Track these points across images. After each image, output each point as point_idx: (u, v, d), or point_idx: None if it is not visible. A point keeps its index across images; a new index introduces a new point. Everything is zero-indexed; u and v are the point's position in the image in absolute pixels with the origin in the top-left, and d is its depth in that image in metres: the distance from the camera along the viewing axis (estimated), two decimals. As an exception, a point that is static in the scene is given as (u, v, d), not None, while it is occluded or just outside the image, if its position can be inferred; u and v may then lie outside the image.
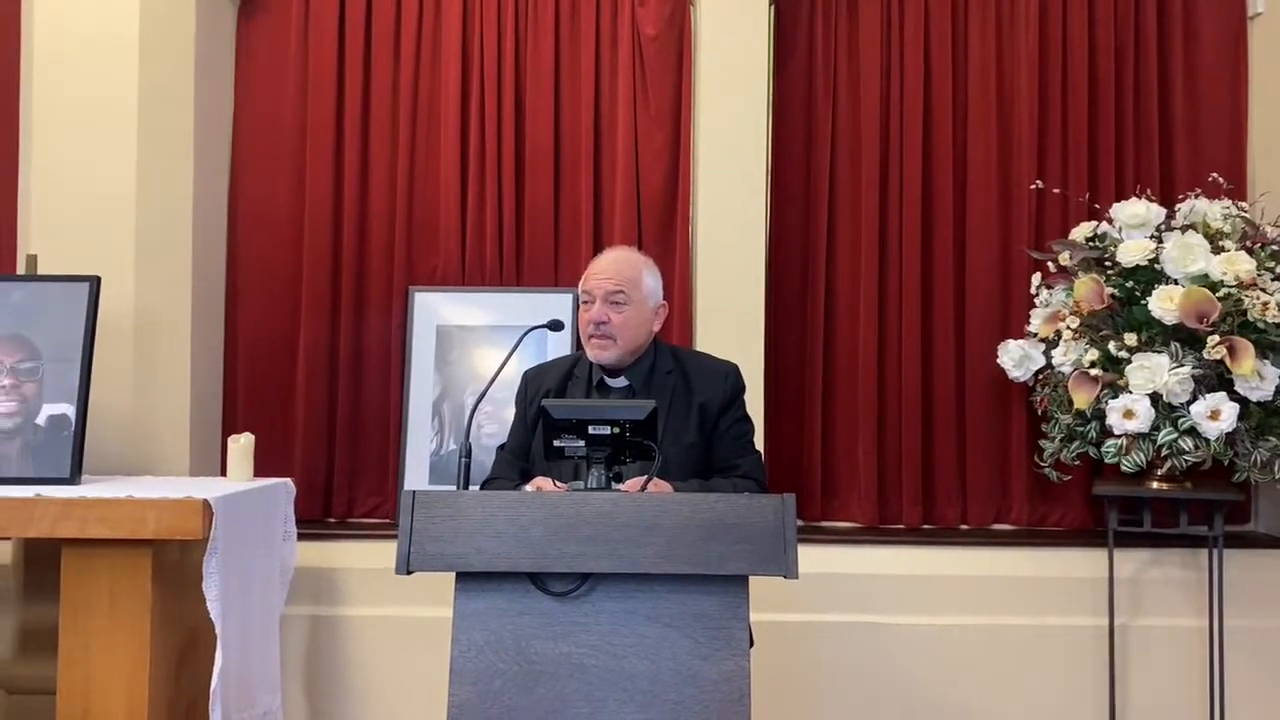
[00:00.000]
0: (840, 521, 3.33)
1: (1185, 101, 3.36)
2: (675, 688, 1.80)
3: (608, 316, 2.31)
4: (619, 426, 1.93)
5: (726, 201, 3.21)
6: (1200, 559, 3.05)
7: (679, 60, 3.31)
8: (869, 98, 3.33)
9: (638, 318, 2.36)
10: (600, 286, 2.34)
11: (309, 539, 3.04)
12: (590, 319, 2.33)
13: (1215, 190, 3.05)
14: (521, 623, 1.85)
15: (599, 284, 2.34)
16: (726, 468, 2.34)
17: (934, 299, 3.33)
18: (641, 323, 2.37)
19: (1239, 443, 2.85)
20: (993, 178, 3.33)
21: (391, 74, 3.34)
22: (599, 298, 2.33)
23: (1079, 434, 2.98)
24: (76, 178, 3.03)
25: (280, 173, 3.34)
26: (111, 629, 2.36)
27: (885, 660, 3.08)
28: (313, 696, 3.08)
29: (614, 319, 2.32)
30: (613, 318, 2.32)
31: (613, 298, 2.33)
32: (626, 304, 2.33)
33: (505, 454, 2.47)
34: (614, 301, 2.32)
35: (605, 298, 2.33)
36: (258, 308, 3.33)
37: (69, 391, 2.69)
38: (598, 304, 2.33)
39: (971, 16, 3.35)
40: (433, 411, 3.25)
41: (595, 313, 2.32)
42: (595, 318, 2.32)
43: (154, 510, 2.34)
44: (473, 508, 1.84)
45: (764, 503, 1.83)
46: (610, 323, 2.31)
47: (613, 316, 2.32)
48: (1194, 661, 3.05)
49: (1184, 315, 2.77)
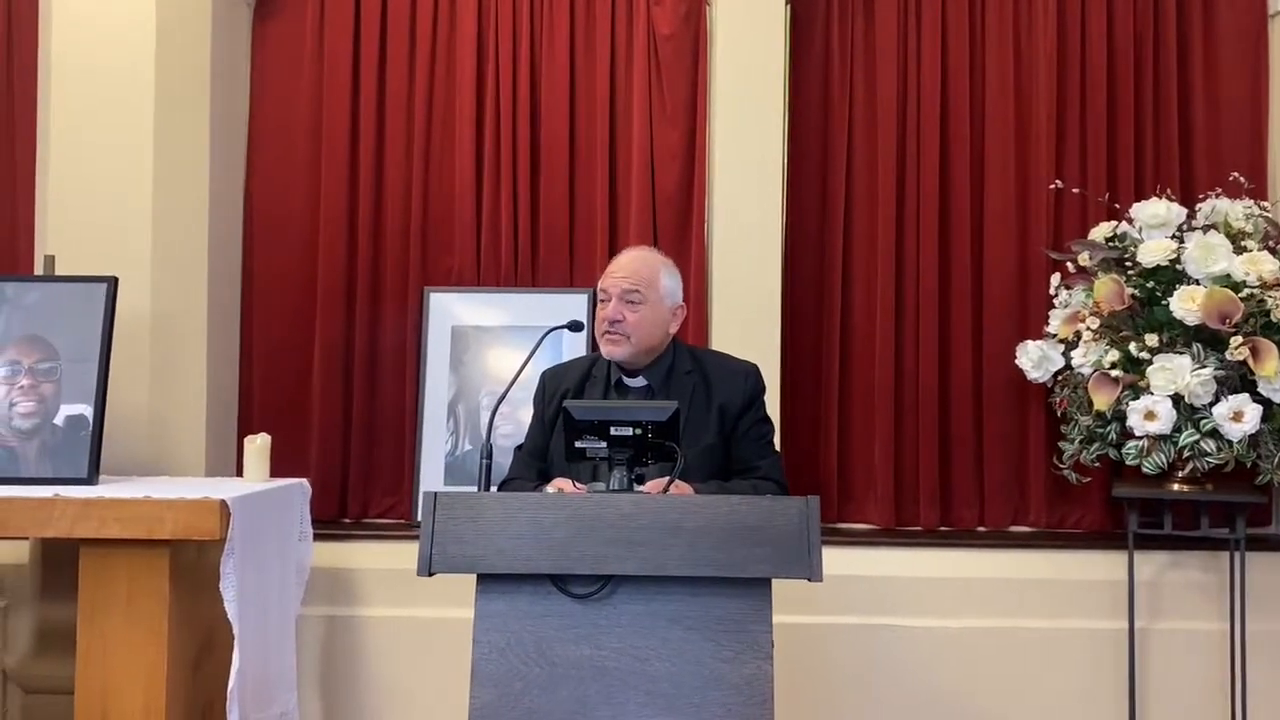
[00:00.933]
0: (857, 523, 3.31)
1: (1205, 100, 3.33)
2: (698, 691, 1.80)
3: (622, 315, 2.32)
4: (641, 428, 1.92)
5: (742, 201, 3.20)
6: (1221, 562, 3.02)
7: (694, 60, 3.30)
8: (885, 97, 3.30)
9: (653, 317, 2.35)
10: (617, 285, 2.34)
11: (325, 539, 3.04)
12: (605, 316, 2.33)
13: (1236, 190, 3.02)
14: (543, 625, 1.84)
15: (615, 282, 2.35)
16: (746, 469, 2.34)
17: (951, 299, 3.30)
18: (657, 323, 2.36)
19: (1262, 445, 2.82)
20: (1010, 177, 3.30)
21: (406, 74, 3.33)
22: (615, 296, 2.34)
23: (1099, 435, 2.95)
24: (93, 179, 3.03)
25: (295, 173, 3.33)
26: (129, 629, 2.36)
27: (902, 663, 3.06)
28: (328, 697, 3.08)
29: (629, 318, 2.31)
30: (627, 316, 2.31)
31: (629, 296, 2.33)
32: (642, 303, 2.33)
33: (523, 455, 2.47)
34: (630, 300, 2.32)
35: (621, 296, 2.33)
36: (273, 308, 3.33)
37: (86, 392, 2.70)
38: (613, 302, 2.33)
39: (989, 16, 3.32)
40: (448, 412, 3.24)
41: (610, 311, 2.33)
42: (610, 315, 2.32)
43: (171, 510, 2.34)
44: (493, 509, 1.83)
45: (788, 505, 1.82)
46: (624, 321, 2.31)
47: (627, 315, 2.32)
48: (1215, 665, 3.02)
49: (1206, 316, 2.75)
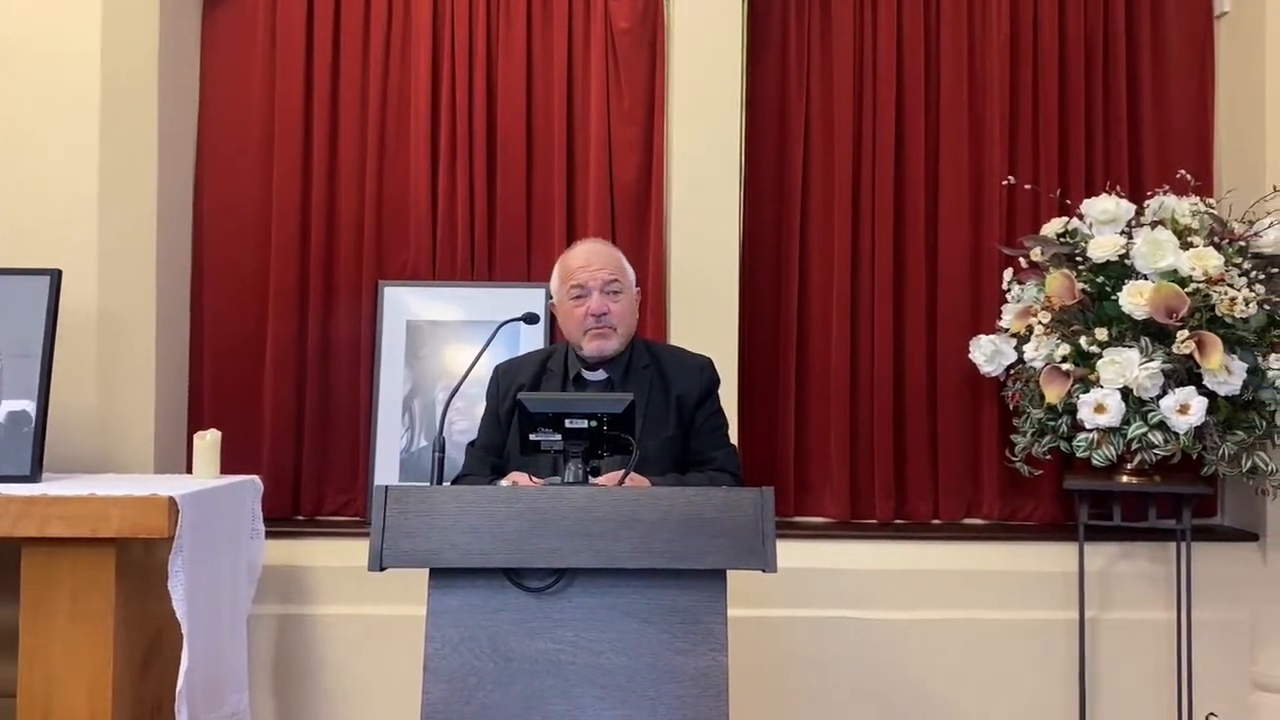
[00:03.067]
0: (813, 516, 3.33)
1: (1154, 98, 3.39)
2: (653, 683, 1.79)
3: (608, 307, 2.29)
4: (596, 420, 1.91)
5: (700, 196, 3.20)
6: (1169, 552, 3.08)
7: (652, 54, 3.29)
8: (842, 92, 3.32)
9: (630, 306, 2.37)
10: (595, 278, 2.31)
11: (277, 537, 2.99)
12: (590, 311, 2.28)
13: (1183, 187, 3.07)
14: (497, 619, 1.82)
15: (594, 275, 2.31)
16: (702, 460, 2.34)
17: (906, 294, 3.33)
18: (633, 311, 2.38)
19: (1207, 437, 2.88)
20: (964, 173, 3.33)
21: (360, 66, 3.28)
22: (595, 289, 2.30)
23: (1050, 428, 2.99)
24: (37, 170, 2.96)
25: (247, 165, 3.27)
26: (73, 630, 2.31)
27: (858, 654, 3.08)
28: (281, 696, 3.03)
29: (613, 309, 2.30)
30: (612, 308, 2.30)
31: (609, 287, 2.31)
32: (621, 292, 2.33)
33: (477, 450, 2.44)
34: (611, 291, 2.30)
35: (602, 288, 2.30)
36: (224, 303, 3.27)
37: (29, 388, 2.63)
38: (595, 296, 2.29)
39: (944, 11, 3.35)
40: (403, 408, 3.20)
41: (595, 304, 2.28)
42: (596, 309, 2.28)
43: (117, 508, 2.29)
44: (446, 503, 1.81)
45: (742, 496, 1.82)
46: (611, 313, 2.29)
47: (612, 307, 2.30)
48: (1162, 654, 3.08)
49: (1154, 310, 2.80)
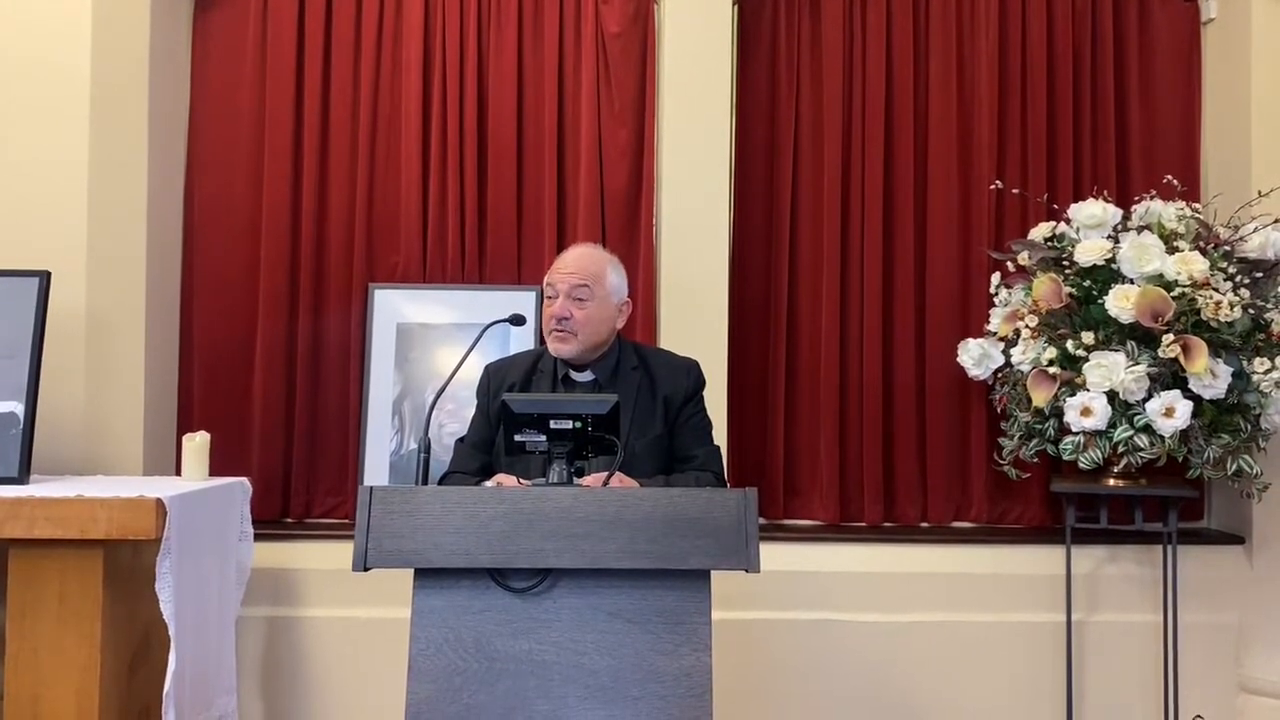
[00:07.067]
0: (802, 519, 3.34)
1: (1140, 104, 3.41)
2: (637, 684, 1.79)
3: (570, 312, 2.31)
4: (581, 421, 1.92)
5: (690, 199, 3.21)
6: (1155, 555, 3.09)
7: (643, 58, 3.30)
8: (831, 97, 3.34)
9: (600, 314, 2.35)
10: (564, 281, 2.34)
11: (266, 539, 3.00)
12: (553, 314, 2.32)
13: (1169, 192, 3.09)
14: (482, 620, 1.83)
15: (563, 279, 2.34)
16: (685, 457, 2.36)
17: (895, 298, 3.34)
18: (604, 319, 2.36)
19: (1193, 440, 2.89)
20: (953, 178, 3.35)
21: (352, 68, 3.29)
22: (562, 293, 2.33)
23: (1037, 432, 3.01)
24: (27, 171, 2.97)
25: (238, 168, 3.28)
26: (61, 632, 2.31)
27: (847, 657, 3.09)
28: (269, 698, 3.03)
29: (576, 315, 2.31)
30: (575, 313, 2.31)
31: (576, 293, 2.32)
32: (589, 300, 2.33)
33: (465, 447, 2.44)
34: (577, 297, 2.32)
35: (569, 293, 2.32)
36: (214, 305, 3.27)
37: (17, 389, 2.64)
38: (561, 299, 2.33)
39: (933, 17, 3.37)
40: (393, 410, 3.21)
41: (558, 308, 2.32)
42: (557, 313, 2.32)
43: (105, 509, 2.30)
44: (431, 503, 1.82)
45: (726, 497, 1.83)
46: (572, 318, 2.31)
47: (575, 312, 2.31)
48: (1149, 656, 3.09)
49: (1140, 314, 2.81)
